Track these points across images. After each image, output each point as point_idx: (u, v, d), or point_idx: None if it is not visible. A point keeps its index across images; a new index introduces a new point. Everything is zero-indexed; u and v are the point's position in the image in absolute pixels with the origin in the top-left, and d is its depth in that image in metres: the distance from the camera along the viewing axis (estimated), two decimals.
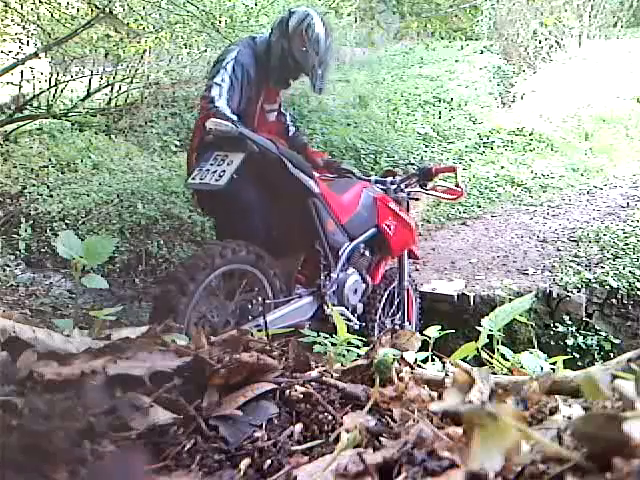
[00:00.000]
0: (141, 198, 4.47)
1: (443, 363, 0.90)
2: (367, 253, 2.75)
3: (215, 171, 2.12)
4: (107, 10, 5.18)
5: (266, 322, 1.42)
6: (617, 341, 3.27)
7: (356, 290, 2.68)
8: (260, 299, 2.30)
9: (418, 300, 3.15)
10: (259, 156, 2.19)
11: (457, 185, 2.85)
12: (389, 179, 2.89)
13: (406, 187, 2.88)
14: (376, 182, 2.87)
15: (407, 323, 2.96)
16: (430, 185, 2.90)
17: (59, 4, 5.78)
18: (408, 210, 2.94)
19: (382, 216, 2.73)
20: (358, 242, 2.68)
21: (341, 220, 2.56)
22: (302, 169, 2.33)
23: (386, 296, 2.90)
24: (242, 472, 0.55)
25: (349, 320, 2.62)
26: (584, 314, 3.36)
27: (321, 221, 2.45)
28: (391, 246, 2.79)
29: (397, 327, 2.93)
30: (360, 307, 2.71)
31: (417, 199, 3.00)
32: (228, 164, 2.13)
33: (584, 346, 3.23)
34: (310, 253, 2.55)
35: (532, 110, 8.12)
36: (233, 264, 2.18)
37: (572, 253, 3.88)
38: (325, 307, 2.50)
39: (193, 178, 2.17)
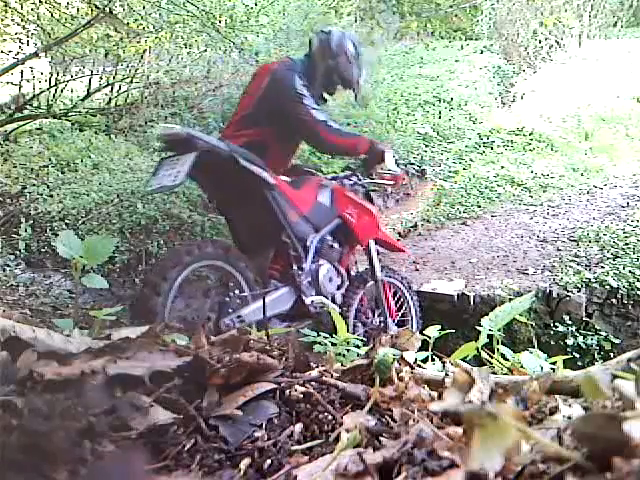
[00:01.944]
0: (141, 198, 4.46)
1: (443, 363, 0.90)
2: (336, 245, 2.81)
3: (170, 174, 2.18)
4: (107, 10, 5.18)
5: (266, 322, 1.43)
6: (617, 341, 3.27)
7: (331, 278, 2.74)
8: (237, 292, 2.37)
9: (415, 298, 3.13)
10: (210, 155, 2.24)
11: (387, 169, 2.91)
12: (342, 174, 3.02)
13: (358, 179, 2.96)
14: (332, 178, 2.97)
15: (390, 320, 2.94)
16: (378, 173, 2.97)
17: (59, 4, 5.78)
18: (371, 202, 3.00)
19: (342, 205, 2.81)
20: (324, 233, 2.75)
21: (302, 210, 2.63)
22: (254, 162, 2.38)
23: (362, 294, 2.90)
24: (242, 472, 0.55)
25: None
26: (584, 314, 3.36)
27: (283, 212, 2.52)
28: (357, 234, 2.84)
29: (379, 324, 2.92)
30: (339, 296, 2.77)
31: (374, 190, 3.08)
32: (181, 165, 2.18)
33: (584, 346, 3.23)
34: (279, 246, 2.63)
35: (532, 110, 8.12)
36: (203, 260, 2.26)
37: (572, 253, 3.88)
38: (303, 297, 2.58)
39: (151, 185, 2.24)
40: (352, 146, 2.76)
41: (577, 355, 3.17)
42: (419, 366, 0.83)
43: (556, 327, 3.29)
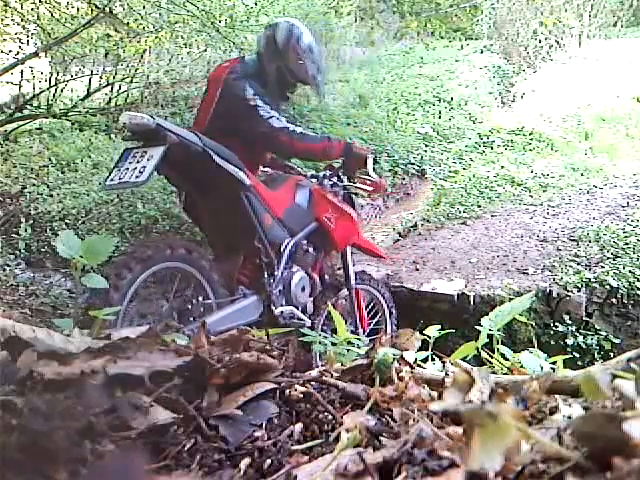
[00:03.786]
0: (141, 198, 4.47)
1: (443, 363, 0.90)
2: (311, 250, 2.65)
3: (135, 168, 1.97)
4: (107, 10, 5.18)
5: (266, 322, 1.42)
6: (617, 341, 3.27)
7: (304, 287, 2.57)
8: (200, 299, 2.20)
9: (393, 308, 2.96)
10: (181, 149, 2.05)
11: (367, 174, 2.71)
12: (322, 173, 2.77)
13: (339, 180, 2.75)
14: (311, 177, 2.76)
15: (360, 330, 2.75)
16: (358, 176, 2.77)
17: (59, 4, 5.78)
18: (353, 205, 2.82)
19: (321, 208, 2.62)
20: (299, 238, 2.58)
21: (277, 213, 2.46)
22: (230, 160, 2.20)
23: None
24: (242, 472, 0.55)
25: (300, 319, 2.52)
26: (584, 314, 3.36)
27: (257, 215, 2.34)
28: (334, 239, 2.67)
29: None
30: (311, 305, 2.61)
31: (356, 194, 2.85)
32: (148, 159, 1.97)
33: (584, 346, 3.23)
34: (250, 251, 2.44)
35: (532, 110, 8.13)
36: (166, 262, 2.07)
37: (572, 253, 3.88)
38: (273, 308, 2.41)
39: (112, 179, 2.01)
40: (320, 150, 2.55)
41: (577, 355, 3.16)
42: (419, 366, 0.83)
43: (556, 327, 3.29)
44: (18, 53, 5.73)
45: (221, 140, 2.25)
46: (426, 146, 6.63)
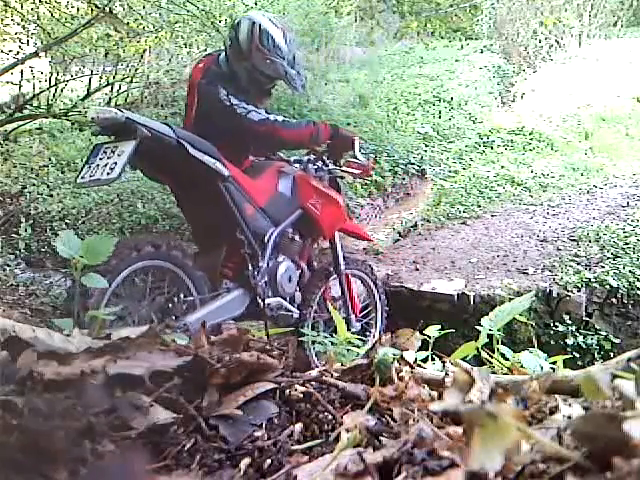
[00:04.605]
0: (141, 197, 4.47)
1: (443, 363, 0.90)
2: (297, 237, 2.59)
3: (106, 164, 1.92)
4: (107, 9, 5.18)
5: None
6: (617, 340, 3.27)
7: (290, 277, 2.51)
8: (182, 297, 2.16)
9: (383, 297, 2.91)
10: (154, 142, 1.98)
11: (355, 157, 2.65)
12: (305, 158, 2.69)
13: (324, 164, 2.68)
14: (295, 162, 2.69)
15: (353, 316, 2.73)
16: (343, 161, 2.72)
17: (59, 3, 5.78)
18: (339, 190, 2.76)
19: (305, 195, 2.56)
20: (285, 226, 2.51)
21: (259, 203, 2.40)
22: (206, 151, 2.14)
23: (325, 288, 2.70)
24: (242, 471, 0.55)
25: (288, 311, 2.48)
26: (584, 313, 3.36)
27: (237, 206, 2.28)
28: (321, 226, 2.61)
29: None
30: (299, 296, 2.56)
31: (342, 177, 2.78)
32: (119, 155, 1.91)
33: (584, 345, 3.24)
34: (232, 243, 2.36)
35: (532, 109, 8.13)
36: (144, 260, 2.03)
37: (572, 252, 3.88)
38: (259, 300, 2.34)
39: (82, 177, 1.96)
40: (307, 135, 2.48)
41: (577, 355, 3.17)
42: (419, 366, 0.83)
43: (556, 327, 3.29)
44: (18, 53, 5.73)
45: (208, 141, 2.21)
46: (426, 146, 6.63)
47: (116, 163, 1.90)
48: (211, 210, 2.30)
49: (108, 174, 1.90)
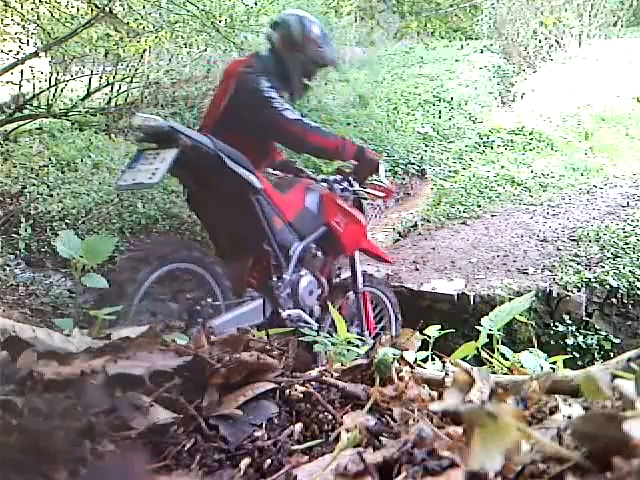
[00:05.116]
0: (141, 197, 4.47)
1: (443, 362, 0.90)
2: (319, 254, 2.65)
3: (147, 170, 2.00)
4: (107, 9, 5.19)
5: (265, 324, 1.42)
6: (617, 340, 3.27)
7: (311, 291, 2.58)
8: (209, 301, 2.22)
9: (399, 317, 2.95)
10: (194, 152, 2.08)
11: (380, 182, 2.76)
12: (332, 178, 2.79)
13: (350, 185, 2.77)
14: (322, 181, 2.78)
15: (367, 333, 2.74)
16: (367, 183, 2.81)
17: (59, 3, 5.78)
18: (362, 210, 2.84)
19: (330, 213, 2.64)
20: (309, 241, 2.59)
21: (288, 217, 2.47)
22: (241, 164, 2.22)
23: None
24: (242, 471, 0.55)
25: (307, 323, 2.52)
26: (584, 313, 3.36)
27: (267, 219, 2.36)
28: (343, 243, 2.69)
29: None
30: (317, 309, 2.61)
31: (365, 198, 2.87)
32: (160, 161, 2.00)
33: (584, 345, 3.23)
34: (259, 254, 2.45)
35: (532, 109, 8.13)
36: (176, 263, 2.10)
37: (572, 252, 3.88)
38: (280, 310, 2.41)
39: (125, 180, 2.04)
40: (333, 147, 2.55)
41: (577, 355, 3.17)
42: (419, 366, 0.83)
43: (556, 327, 3.29)
44: (18, 53, 5.73)
45: (233, 132, 2.31)
46: (426, 146, 6.64)
47: (158, 169, 1.98)
48: (241, 220, 2.36)
49: (150, 178, 1.97)
